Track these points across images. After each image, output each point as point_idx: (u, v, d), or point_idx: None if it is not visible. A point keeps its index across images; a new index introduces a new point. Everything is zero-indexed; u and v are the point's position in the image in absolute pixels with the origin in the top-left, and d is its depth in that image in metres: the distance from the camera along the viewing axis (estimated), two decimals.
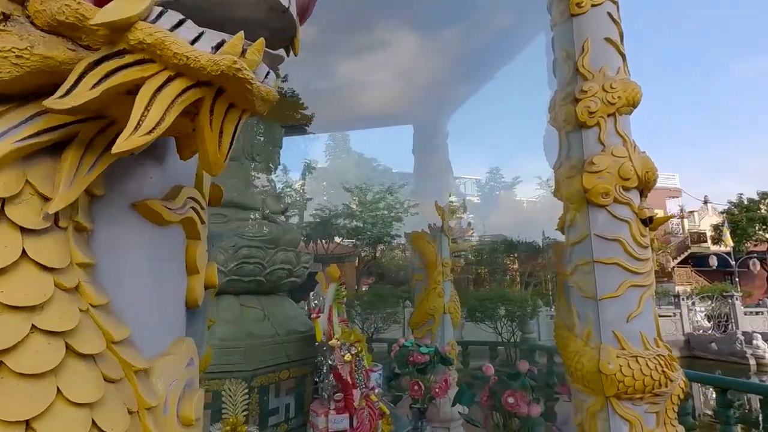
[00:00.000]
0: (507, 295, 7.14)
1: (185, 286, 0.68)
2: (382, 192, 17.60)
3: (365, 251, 22.38)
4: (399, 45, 5.79)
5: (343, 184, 18.33)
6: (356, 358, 2.64)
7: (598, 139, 2.49)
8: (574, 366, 2.39)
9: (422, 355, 4.18)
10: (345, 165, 21.16)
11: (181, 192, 0.62)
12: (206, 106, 0.49)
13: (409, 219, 15.32)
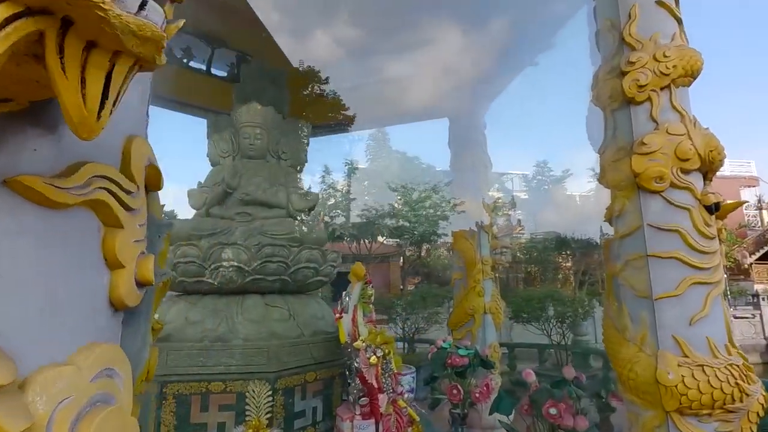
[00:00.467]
0: (556, 294, 6.69)
1: (104, 283, 0.58)
2: (428, 190, 17.33)
3: (410, 250, 22.19)
4: (441, 41, 5.60)
5: (389, 184, 18.23)
6: (383, 360, 2.51)
7: (650, 116, 2.18)
8: (627, 374, 2.10)
9: (461, 357, 3.97)
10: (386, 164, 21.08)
11: (82, 169, 0.52)
12: (50, 43, 0.37)
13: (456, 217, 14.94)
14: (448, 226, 4.89)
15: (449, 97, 5.77)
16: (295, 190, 3.18)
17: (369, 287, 2.69)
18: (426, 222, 17.38)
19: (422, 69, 5.83)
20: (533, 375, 2.70)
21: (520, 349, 7.39)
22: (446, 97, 5.83)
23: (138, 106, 0.69)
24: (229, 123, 3.29)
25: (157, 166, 0.68)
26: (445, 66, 5.72)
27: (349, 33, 5.54)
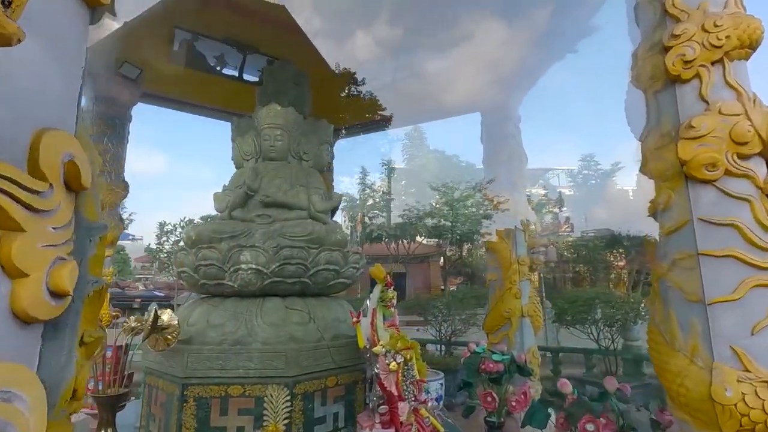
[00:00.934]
0: (604, 295, 6.23)
1: (3, 293, 0.51)
2: (470, 189, 16.93)
3: (451, 250, 21.79)
4: (475, 34, 5.41)
5: (430, 183, 18.02)
6: (404, 367, 2.38)
7: (699, 96, 1.92)
8: (676, 390, 1.85)
9: (495, 363, 3.76)
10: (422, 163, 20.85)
11: None
12: None
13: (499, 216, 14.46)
14: (492, 225, 4.67)
15: (482, 91, 5.54)
16: (316, 190, 3.13)
17: (390, 290, 2.57)
18: (468, 221, 16.97)
19: (455, 63, 5.64)
20: (569, 385, 2.47)
21: (567, 353, 6.98)
22: (479, 90, 5.60)
23: (59, 98, 0.62)
24: (251, 125, 3.30)
25: (79, 162, 0.61)
26: (479, 59, 5.50)
27: (382, 32, 5.47)
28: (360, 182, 19.08)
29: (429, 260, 21.47)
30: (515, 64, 5.37)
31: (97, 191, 0.67)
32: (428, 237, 19.08)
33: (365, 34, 5.57)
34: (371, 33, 5.32)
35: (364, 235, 17.63)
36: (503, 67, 5.39)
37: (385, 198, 18.74)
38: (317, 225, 2.80)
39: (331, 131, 3.56)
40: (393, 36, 5.42)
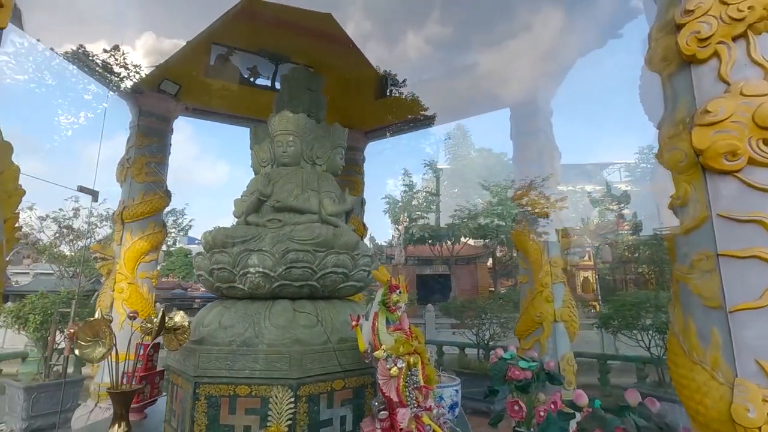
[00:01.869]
0: (655, 299, 5.71)
1: None
2: (524, 188, 16.33)
3: (502, 250, 21.15)
4: (511, 26, 5.24)
5: (480, 182, 17.62)
6: (407, 372, 2.33)
7: (718, 76, 1.71)
8: (695, 408, 1.66)
9: (522, 370, 3.59)
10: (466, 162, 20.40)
11: None
12: None
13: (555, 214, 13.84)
14: (549, 224, 4.48)
15: (511, 85, 5.32)
16: (328, 194, 3.16)
17: (396, 293, 2.53)
18: (524, 220, 16.29)
19: (488, 58, 5.48)
20: (585, 397, 2.29)
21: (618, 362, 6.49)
22: (508, 84, 5.39)
23: None
24: (267, 133, 3.40)
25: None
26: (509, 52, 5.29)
27: (428, 32, 5.44)
28: (403, 183, 19.08)
29: (476, 261, 20.97)
30: (547, 55, 5.11)
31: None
32: (474, 237, 18.66)
33: (408, 35, 5.56)
34: (414, 34, 5.31)
35: (406, 237, 17.63)
36: (534, 59, 5.15)
37: (429, 199, 18.57)
38: (324, 228, 2.82)
39: (345, 135, 3.58)
40: (435, 35, 5.37)
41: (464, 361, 6.70)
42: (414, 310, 18.55)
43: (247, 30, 5.08)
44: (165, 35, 5.16)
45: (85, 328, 2.02)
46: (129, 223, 4.79)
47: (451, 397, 2.94)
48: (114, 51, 5.17)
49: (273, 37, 5.27)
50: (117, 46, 5.20)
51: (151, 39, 5.23)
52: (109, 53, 5.16)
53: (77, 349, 2.01)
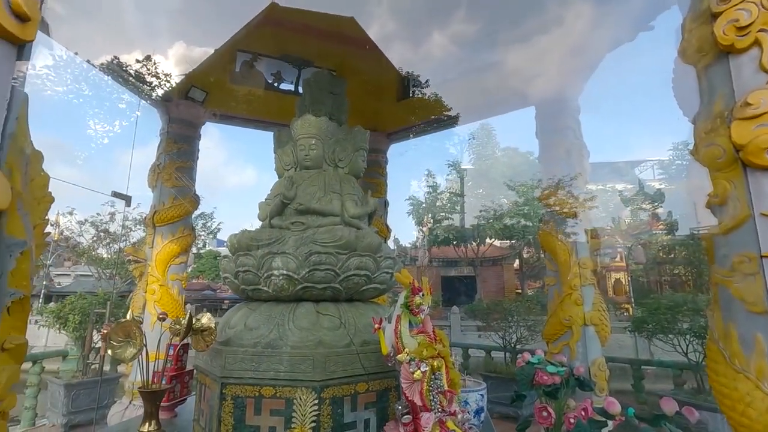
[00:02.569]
0: (690, 302, 5.43)
1: None
2: (551, 187, 15.97)
3: (529, 251, 20.71)
4: (536, 21, 5.14)
5: (506, 182, 17.32)
6: (431, 376, 2.30)
7: (759, 66, 1.62)
8: (738, 419, 1.57)
9: (549, 375, 3.49)
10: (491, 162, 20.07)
11: None
12: None
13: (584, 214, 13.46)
14: (578, 224, 4.35)
15: (537, 82, 5.20)
16: (350, 196, 3.16)
17: (419, 296, 2.50)
18: (552, 220, 15.87)
19: (514, 55, 5.38)
20: (617, 405, 2.20)
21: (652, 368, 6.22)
22: (534, 81, 5.27)
23: None
24: (290, 137, 3.44)
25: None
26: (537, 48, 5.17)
27: (442, 32, 5.41)
28: (427, 184, 18.95)
29: (502, 262, 20.60)
30: (575, 50, 4.97)
31: (25, 210, 0.75)
32: (500, 238, 18.34)
33: (433, 35, 5.52)
34: (439, 33, 5.28)
35: (431, 239, 17.50)
36: (561, 54, 5.01)
37: (453, 200, 18.38)
38: (347, 230, 2.83)
39: (367, 137, 3.58)
40: (459, 34, 5.31)
41: (491, 365, 6.58)
42: (439, 312, 18.42)
43: (271, 36, 5.17)
44: (193, 44, 5.32)
45: (117, 329, 2.09)
46: (160, 226, 4.95)
47: (476, 402, 2.88)
48: (146, 61, 5.37)
49: (296, 43, 5.35)
50: (149, 56, 5.40)
51: (182, 48, 5.40)
52: (142, 63, 5.36)
53: (110, 349, 2.09)
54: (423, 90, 5.93)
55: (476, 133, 19.65)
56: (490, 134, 20.22)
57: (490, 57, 5.46)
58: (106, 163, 50.78)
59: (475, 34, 5.20)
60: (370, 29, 4.95)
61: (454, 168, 18.32)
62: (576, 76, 4.77)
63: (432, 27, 5.38)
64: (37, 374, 5.75)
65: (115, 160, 55.72)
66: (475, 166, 19.24)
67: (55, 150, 50.77)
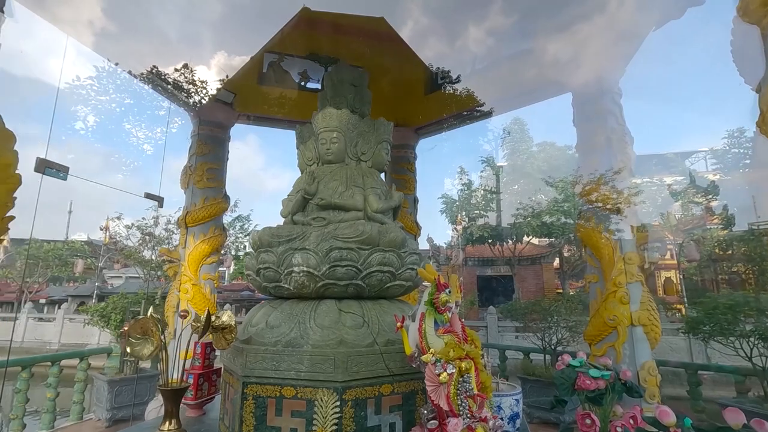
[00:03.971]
0: (753, 301, 4.90)
1: None
2: (592, 183, 15.21)
3: (570, 250, 19.86)
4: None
5: (545, 178, 16.69)
6: (459, 379, 2.14)
7: None
8: None
9: (593, 379, 3.24)
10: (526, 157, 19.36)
11: None
12: None
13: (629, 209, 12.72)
14: (622, 221, 4.03)
15: (573, 66, 4.88)
16: (373, 191, 3.05)
17: (445, 292, 2.34)
18: (591, 216, 15.12)
19: (547, 40, 5.08)
20: (672, 415, 1.95)
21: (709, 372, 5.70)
22: (570, 66, 4.95)
23: None
24: (312, 132, 3.37)
25: None
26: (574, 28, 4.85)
27: (476, 24, 5.22)
28: (460, 183, 18.56)
29: (541, 261, 19.83)
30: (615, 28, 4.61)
31: None
32: (538, 236, 17.66)
33: (465, 26, 5.34)
34: (473, 24, 5.09)
35: (465, 237, 17.09)
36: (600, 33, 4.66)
37: (488, 197, 17.89)
38: (369, 225, 2.71)
39: (390, 129, 3.45)
40: (492, 23, 5.11)
41: (529, 367, 6.26)
42: (475, 312, 17.98)
43: (299, 37, 5.15)
44: (232, 52, 5.40)
45: (135, 326, 2.08)
46: (192, 227, 5.05)
47: (510, 408, 2.69)
48: (184, 69, 5.50)
49: (325, 43, 5.31)
50: (186, 64, 5.53)
51: (223, 58, 5.49)
52: (180, 71, 5.50)
53: (128, 347, 2.07)
54: (452, 81, 5.74)
55: (509, 128, 19.03)
56: (524, 128, 19.52)
57: (521, 44, 5.19)
58: (151, 169, 53.45)
59: (509, 25, 4.95)
60: (401, 26, 4.82)
61: (488, 164, 17.82)
62: (617, 57, 4.43)
63: (466, 21, 5.18)
64: (83, 370, 6.02)
65: (159, 165, 58.56)
66: (509, 162, 18.57)
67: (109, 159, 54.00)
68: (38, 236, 22.34)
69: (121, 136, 59.67)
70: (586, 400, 3.31)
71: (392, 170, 6.25)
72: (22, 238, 22.81)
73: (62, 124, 22.65)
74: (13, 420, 5.37)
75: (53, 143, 9.05)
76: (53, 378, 5.62)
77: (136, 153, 59.93)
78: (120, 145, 63.08)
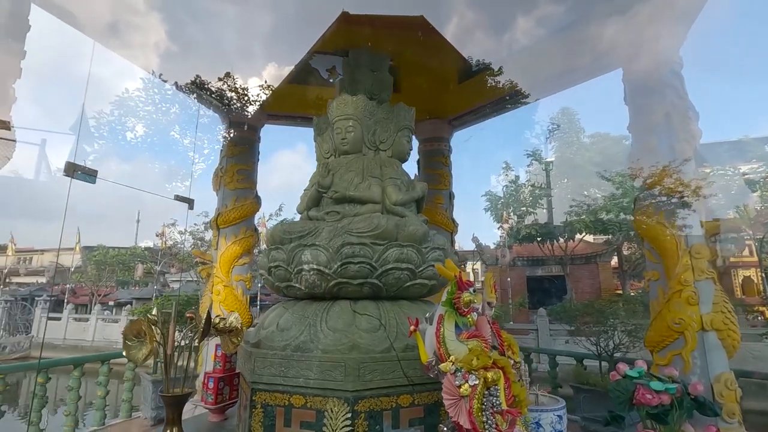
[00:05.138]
0: None
1: None
2: (654, 175, 13.94)
3: (630, 247, 18.40)
4: None
5: (600, 172, 15.57)
6: (483, 391, 1.83)
7: None
8: None
9: (655, 393, 2.79)
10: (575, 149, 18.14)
11: None
12: None
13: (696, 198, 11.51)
14: (691, 216, 3.49)
15: (622, 37, 4.34)
16: (392, 181, 2.79)
17: (468, 292, 2.04)
18: (648, 205, 13.84)
19: (592, 13, 4.58)
20: None
21: None
22: (618, 39, 4.41)
23: None
24: (329, 122, 3.18)
25: None
26: None
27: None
28: (507, 180, 17.76)
29: (597, 260, 18.48)
30: None
31: None
32: (594, 233, 16.45)
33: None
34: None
35: (513, 236, 16.29)
36: None
37: (536, 193, 16.95)
38: (385, 218, 2.46)
39: (412, 115, 3.18)
40: None
41: (582, 375, 5.68)
42: (525, 314, 17.08)
43: (333, 36, 5.02)
44: (275, 61, 5.39)
45: (130, 328, 1.97)
46: (223, 228, 5.04)
47: (552, 425, 2.32)
48: (226, 78, 5.56)
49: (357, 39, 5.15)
50: (228, 73, 5.59)
51: (274, 68, 5.51)
52: (223, 80, 5.57)
53: (125, 350, 1.98)
54: (488, 68, 5.36)
55: (556, 119, 17.87)
56: (573, 119, 18.27)
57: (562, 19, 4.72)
58: (203, 179, 56.31)
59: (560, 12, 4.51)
60: (442, 20, 4.56)
61: (534, 158, 16.86)
62: (674, 20, 3.86)
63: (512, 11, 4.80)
64: (131, 369, 6.23)
65: (207, 170, 61.74)
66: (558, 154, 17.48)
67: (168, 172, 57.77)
68: (114, 244, 24.22)
69: (169, 144, 62.98)
70: (647, 417, 2.85)
71: (426, 164, 5.95)
72: (91, 246, 24.86)
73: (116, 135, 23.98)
74: (67, 417, 5.66)
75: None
76: (103, 377, 5.85)
77: (186, 164, 63.52)
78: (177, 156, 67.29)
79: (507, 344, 2.84)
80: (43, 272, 29.81)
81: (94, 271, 23.46)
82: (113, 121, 14.62)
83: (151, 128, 16.32)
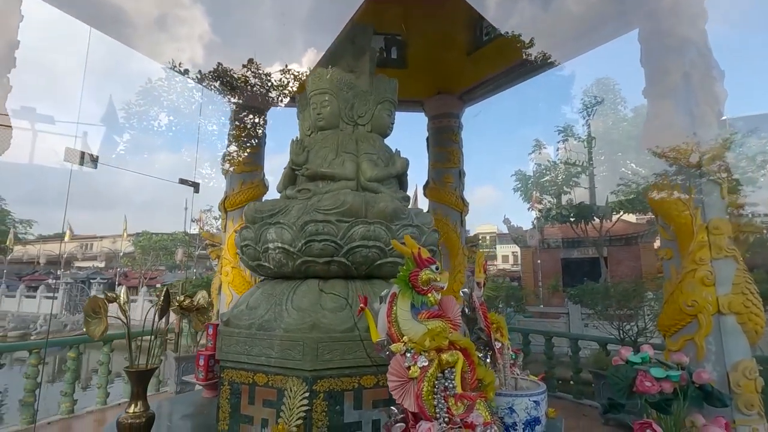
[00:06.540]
0: None
1: None
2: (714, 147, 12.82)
3: None
4: None
5: (652, 149, 14.53)
6: (436, 374, 1.72)
7: None
8: None
9: (655, 381, 2.58)
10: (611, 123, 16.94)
11: None
12: None
13: None
14: (753, 193, 3.13)
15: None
16: (368, 156, 2.67)
17: (429, 269, 1.92)
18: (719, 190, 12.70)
19: None
20: None
21: None
22: None
23: None
24: None
25: None
26: None
27: None
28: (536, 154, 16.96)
29: (638, 241, 17.43)
30: None
31: None
32: (633, 212, 15.45)
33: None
34: None
35: (545, 216, 15.63)
36: None
37: (570, 171, 16.09)
38: (352, 195, 2.36)
39: (394, 87, 3.02)
40: None
41: (603, 360, 5.42)
42: (560, 298, 16.49)
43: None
44: (312, 47, 5.36)
45: (88, 305, 2.02)
46: (231, 211, 5.13)
47: (527, 410, 2.16)
48: (249, 64, 5.58)
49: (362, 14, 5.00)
50: (251, 59, 5.60)
51: (313, 54, 5.48)
52: (246, 67, 5.59)
53: (84, 326, 2.03)
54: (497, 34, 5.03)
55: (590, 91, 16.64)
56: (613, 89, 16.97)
57: None
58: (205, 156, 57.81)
59: None
60: None
61: (566, 134, 15.92)
62: None
63: None
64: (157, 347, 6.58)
65: (198, 151, 63.82)
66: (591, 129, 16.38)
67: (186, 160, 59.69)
68: (170, 230, 25.62)
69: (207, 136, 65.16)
70: (649, 407, 2.63)
71: (435, 142, 5.75)
72: (137, 232, 26.41)
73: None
74: (99, 389, 6.07)
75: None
76: None
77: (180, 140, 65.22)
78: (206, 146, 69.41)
79: (495, 326, 2.70)
80: (96, 257, 32.19)
81: (141, 256, 25.01)
82: (140, 112, 15.23)
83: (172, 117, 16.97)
